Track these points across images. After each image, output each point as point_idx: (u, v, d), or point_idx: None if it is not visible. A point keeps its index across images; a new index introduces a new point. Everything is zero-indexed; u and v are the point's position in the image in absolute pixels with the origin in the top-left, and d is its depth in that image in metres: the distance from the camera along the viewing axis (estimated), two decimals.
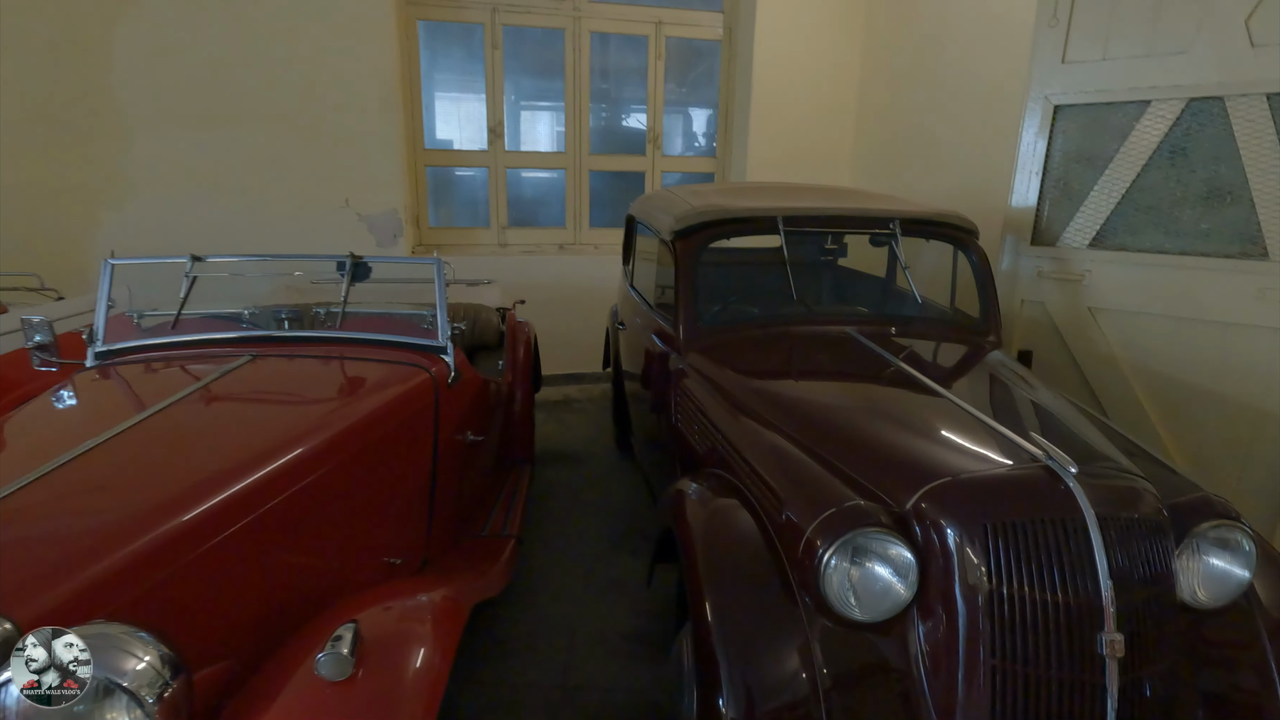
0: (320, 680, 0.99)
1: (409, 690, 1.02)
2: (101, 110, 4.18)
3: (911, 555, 1.34)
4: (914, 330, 2.44)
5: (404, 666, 1.05)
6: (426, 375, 2.10)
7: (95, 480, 1.32)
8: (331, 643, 1.00)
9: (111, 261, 2.16)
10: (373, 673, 1.02)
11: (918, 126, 4.46)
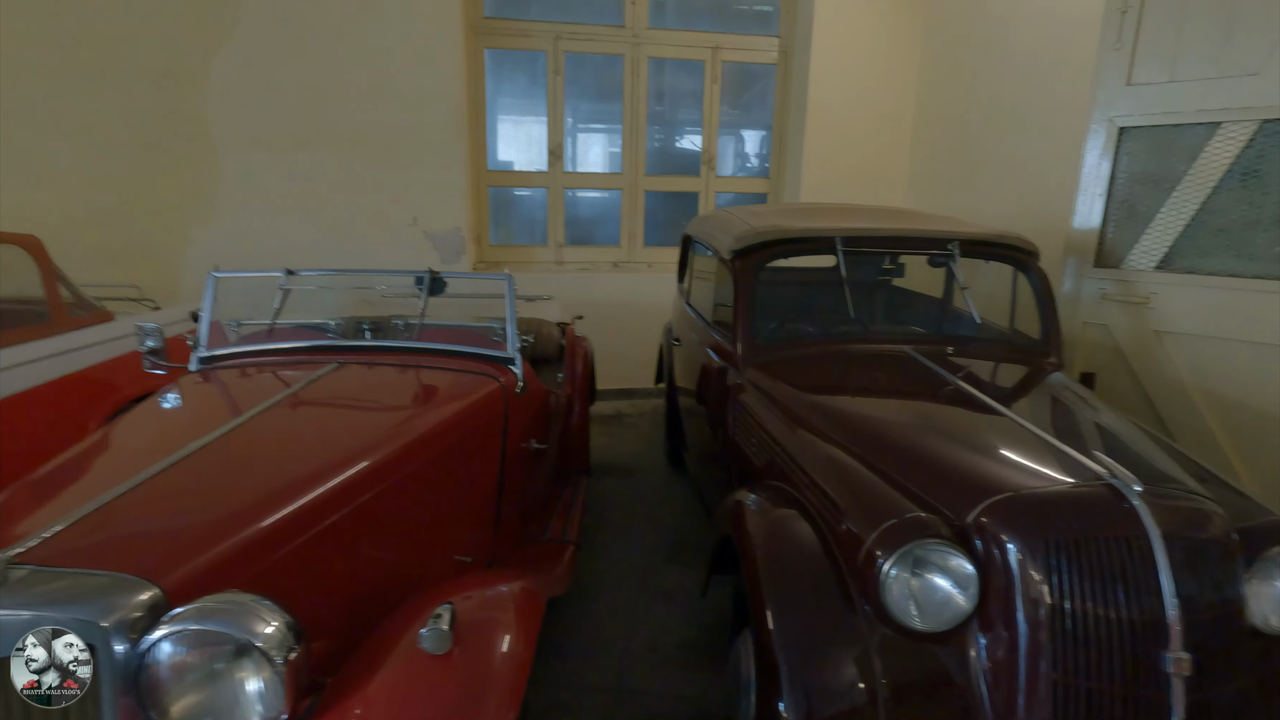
0: (422, 653, 1.09)
1: (499, 670, 1.10)
2: (196, 135, 4.52)
3: (972, 567, 1.37)
4: (972, 350, 2.45)
5: (494, 648, 1.13)
6: (497, 385, 2.22)
7: (212, 473, 1.46)
8: (433, 620, 1.10)
9: (216, 275, 2.35)
10: (467, 651, 1.11)
11: (975, 148, 4.44)
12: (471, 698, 1.06)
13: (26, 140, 4.33)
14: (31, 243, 2.87)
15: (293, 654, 1.00)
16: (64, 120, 4.35)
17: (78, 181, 4.41)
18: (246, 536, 1.24)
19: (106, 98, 4.36)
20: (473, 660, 1.10)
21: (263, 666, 0.99)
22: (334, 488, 1.47)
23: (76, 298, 3.07)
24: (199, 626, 0.95)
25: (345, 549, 1.48)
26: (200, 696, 0.99)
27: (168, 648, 0.97)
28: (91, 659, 0.98)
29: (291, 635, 1.01)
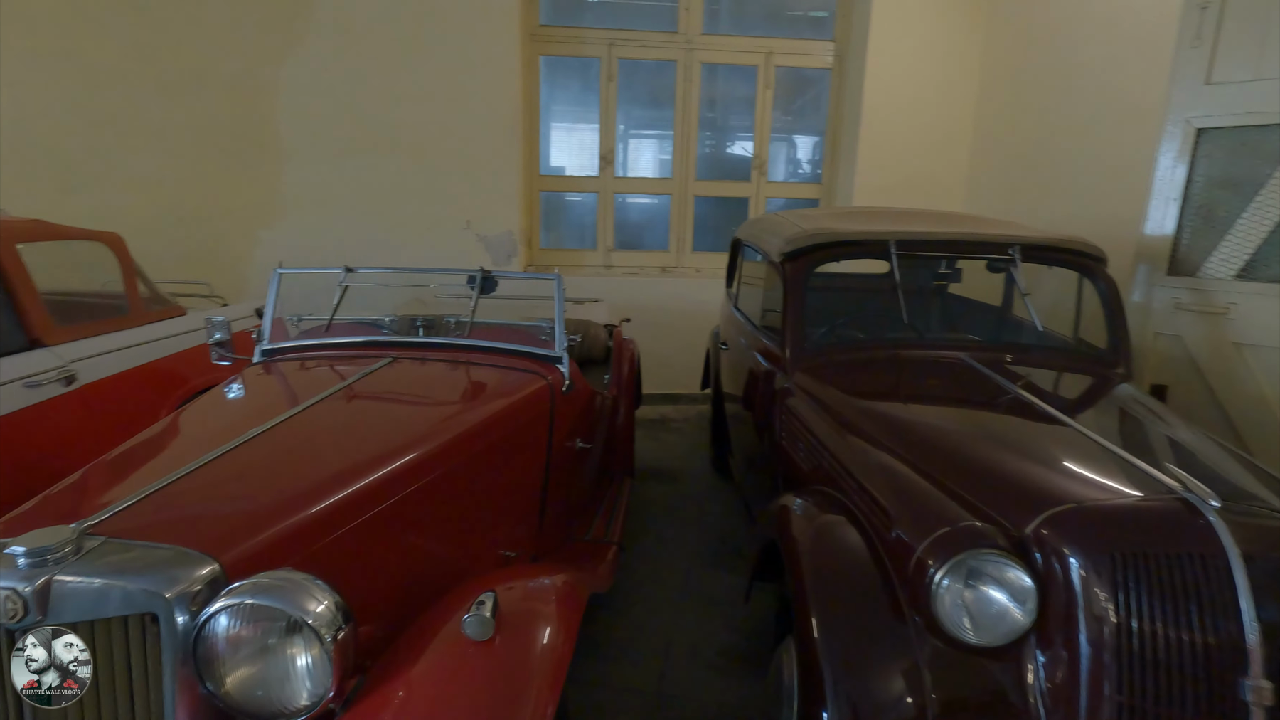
0: (465, 639, 1.10)
1: (540, 660, 1.11)
2: (265, 141, 4.72)
3: (1030, 581, 1.31)
4: (1033, 359, 2.35)
5: (536, 638, 1.14)
6: (544, 383, 2.24)
7: (270, 458, 1.52)
8: (476, 606, 1.11)
9: (280, 271, 2.45)
10: (509, 640, 1.12)
11: (1038, 154, 4.29)
12: (512, 686, 1.06)
13: (113, 146, 4.60)
14: (114, 240, 3.04)
15: (341, 633, 1.02)
16: (146, 127, 4.60)
17: (158, 185, 4.67)
18: (301, 519, 1.28)
19: (185, 106, 4.60)
20: (514, 649, 1.11)
21: (312, 644, 1.01)
22: (384, 476, 1.50)
23: (152, 293, 3.23)
24: (254, 601, 0.98)
25: (393, 537, 1.51)
26: (253, 669, 1.02)
27: (224, 621, 1.00)
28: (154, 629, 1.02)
29: (340, 615, 1.03)
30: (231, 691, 1.02)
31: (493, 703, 1.04)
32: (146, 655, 1.03)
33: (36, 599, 0.98)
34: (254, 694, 1.02)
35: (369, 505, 1.44)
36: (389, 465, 1.55)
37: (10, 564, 1.01)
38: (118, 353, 2.79)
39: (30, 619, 0.99)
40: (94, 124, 4.57)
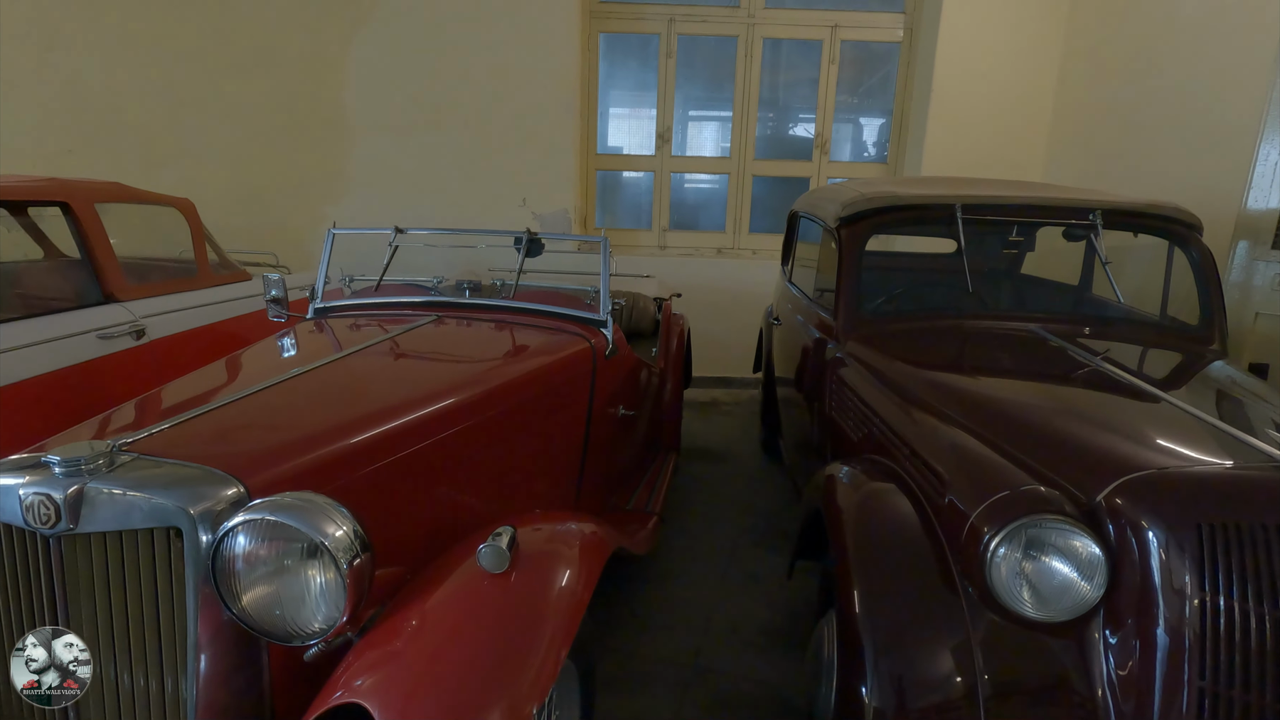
0: (479, 570, 1.07)
1: (555, 602, 1.07)
2: (333, 118, 4.86)
3: (1099, 550, 1.19)
4: (1114, 333, 2.17)
5: (552, 579, 1.10)
6: (586, 344, 2.20)
7: (306, 395, 1.53)
8: (492, 537, 1.08)
9: (334, 231, 2.50)
10: (525, 575, 1.08)
11: (1128, 125, 3.98)
12: (524, 622, 1.02)
13: (192, 123, 4.83)
14: (185, 206, 3.17)
15: (357, 560, 1.00)
16: (223, 105, 4.80)
17: (232, 161, 4.87)
18: (330, 451, 1.28)
19: (258, 84, 4.78)
20: (530, 585, 1.07)
21: (328, 567, 1.00)
22: (417, 419, 1.49)
23: (221, 258, 3.36)
24: (272, 518, 0.98)
25: (424, 482, 1.49)
26: (270, 588, 1.02)
27: (242, 539, 1.00)
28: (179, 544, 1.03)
29: (358, 543, 1.01)
30: (249, 608, 1.01)
31: (504, 636, 1.00)
32: (171, 570, 1.03)
33: (68, 506, 1.00)
34: (272, 612, 1.02)
35: (400, 446, 1.43)
36: (423, 409, 1.54)
37: (46, 472, 1.03)
38: (185, 311, 2.90)
39: (62, 526, 1.01)
40: (175, 102, 4.80)
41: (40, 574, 1.05)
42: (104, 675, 1.08)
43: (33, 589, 1.06)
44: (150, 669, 1.07)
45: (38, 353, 2.27)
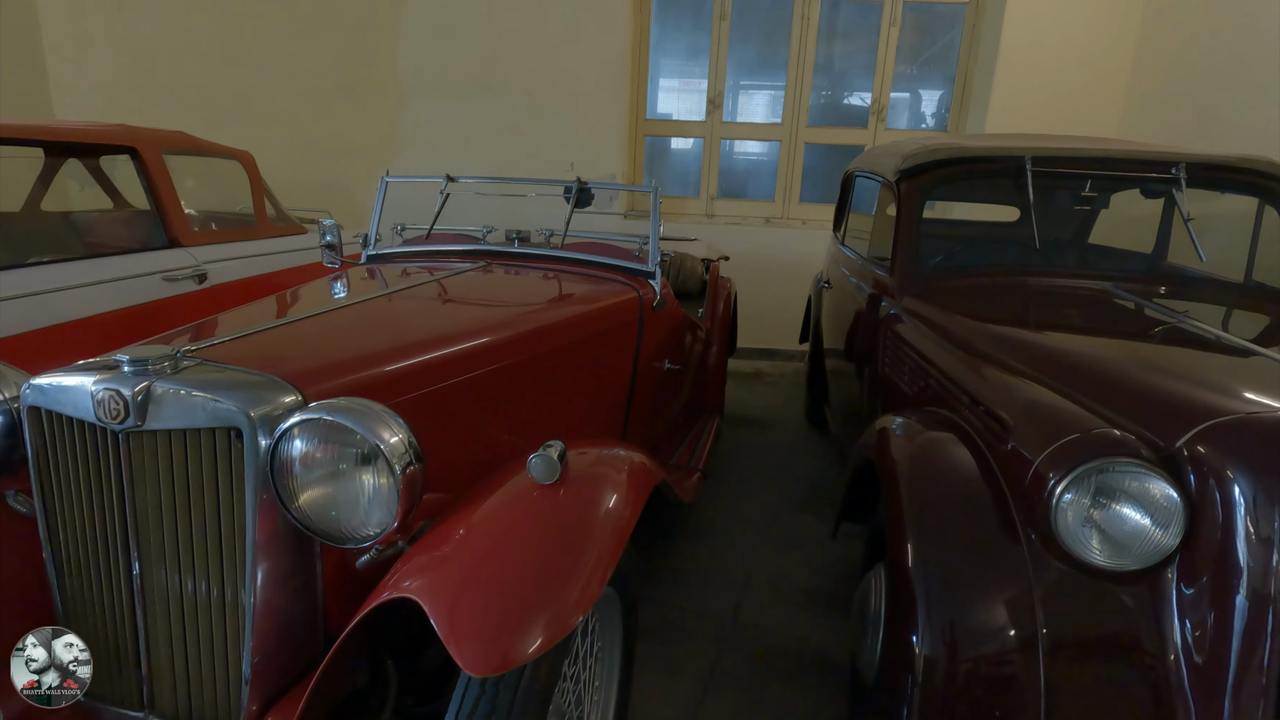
0: (529, 481, 1.07)
1: (603, 519, 1.06)
2: (385, 80, 4.91)
3: (1177, 495, 1.12)
4: (1194, 295, 2.04)
5: (600, 497, 1.09)
6: (634, 294, 2.18)
7: (361, 321, 1.56)
8: (544, 448, 1.07)
9: (387, 179, 2.52)
10: (573, 490, 1.08)
11: (1217, 88, 3.73)
12: (571, 536, 1.01)
13: (251, 84, 4.93)
14: (246, 158, 3.25)
15: (410, 468, 1.01)
16: (280, 67, 4.90)
17: (289, 121, 4.97)
18: (383, 371, 1.30)
19: (315, 46, 4.85)
20: (578, 500, 1.07)
21: (383, 472, 1.01)
22: (464, 349, 1.50)
23: (278, 211, 3.44)
24: (331, 418, 0.99)
25: (470, 413, 1.50)
26: (326, 490, 1.03)
27: (299, 442, 1.01)
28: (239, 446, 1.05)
29: (411, 451, 1.02)
30: (305, 509, 1.03)
31: (551, 547, 0.99)
32: (231, 470, 1.06)
33: (136, 403, 1.03)
34: (328, 514, 1.03)
35: (450, 374, 1.43)
36: (471, 341, 1.54)
37: (116, 371, 1.06)
38: (244, 260, 2.99)
39: (130, 422, 1.04)
40: (235, 64, 4.91)
41: (109, 469, 1.09)
42: (168, 582, 1.12)
43: (102, 484, 1.10)
44: (211, 574, 1.10)
45: (108, 290, 2.36)
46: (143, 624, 1.13)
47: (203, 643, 1.12)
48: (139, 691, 1.16)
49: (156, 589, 1.12)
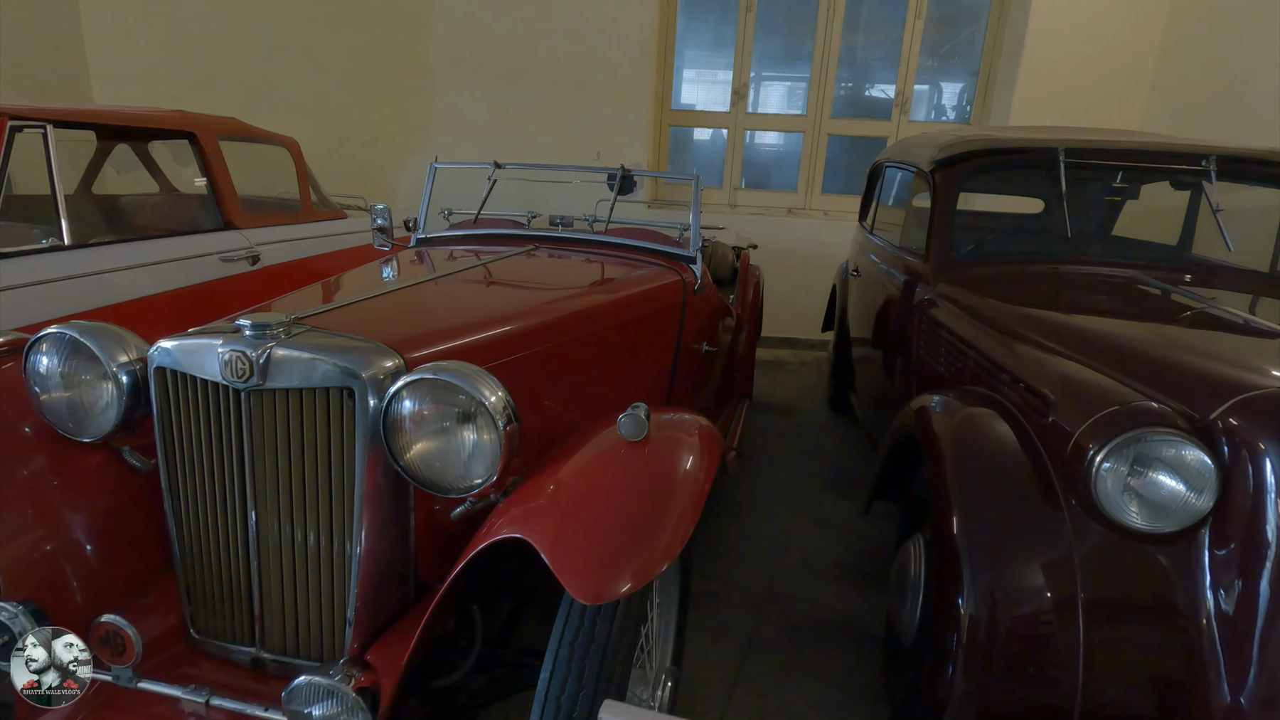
0: (618, 438, 1.17)
1: (685, 475, 1.15)
2: (418, 70, 5.00)
3: (1211, 461, 1.20)
4: (1220, 283, 2.11)
5: (681, 454, 1.18)
6: (678, 278, 2.27)
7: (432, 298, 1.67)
8: (631, 408, 1.17)
9: (436, 165, 2.62)
10: (657, 448, 1.17)
11: (1241, 85, 3.77)
12: (658, 489, 1.11)
13: (287, 73, 5.03)
14: (291, 144, 3.35)
15: (510, 425, 1.10)
16: (316, 56, 4.99)
17: (323, 110, 5.06)
18: (470, 341, 1.40)
19: (350, 37, 4.94)
20: (663, 455, 1.16)
21: (486, 428, 1.11)
22: (535, 325, 1.60)
23: (320, 197, 3.54)
24: (442, 378, 1.08)
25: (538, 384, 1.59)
26: (432, 445, 1.13)
27: (409, 401, 1.12)
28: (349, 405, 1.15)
29: (510, 410, 1.11)
30: (414, 462, 1.13)
31: (641, 497, 1.09)
32: (343, 427, 1.16)
33: (259, 364, 1.13)
34: (432, 465, 1.14)
35: (524, 346, 1.52)
36: (540, 317, 1.64)
37: (239, 335, 1.16)
38: (292, 243, 3.09)
39: (253, 381, 1.14)
40: (272, 52, 5.01)
41: (231, 425, 1.19)
42: (280, 531, 1.22)
43: (223, 439, 1.20)
44: (321, 524, 1.20)
45: (172, 269, 2.48)
46: (257, 569, 1.24)
47: (311, 587, 1.23)
48: (250, 630, 1.27)
49: (270, 538, 1.22)
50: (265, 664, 1.27)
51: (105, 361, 1.25)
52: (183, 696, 1.14)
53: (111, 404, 1.28)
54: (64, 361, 1.26)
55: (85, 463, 1.36)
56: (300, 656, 1.26)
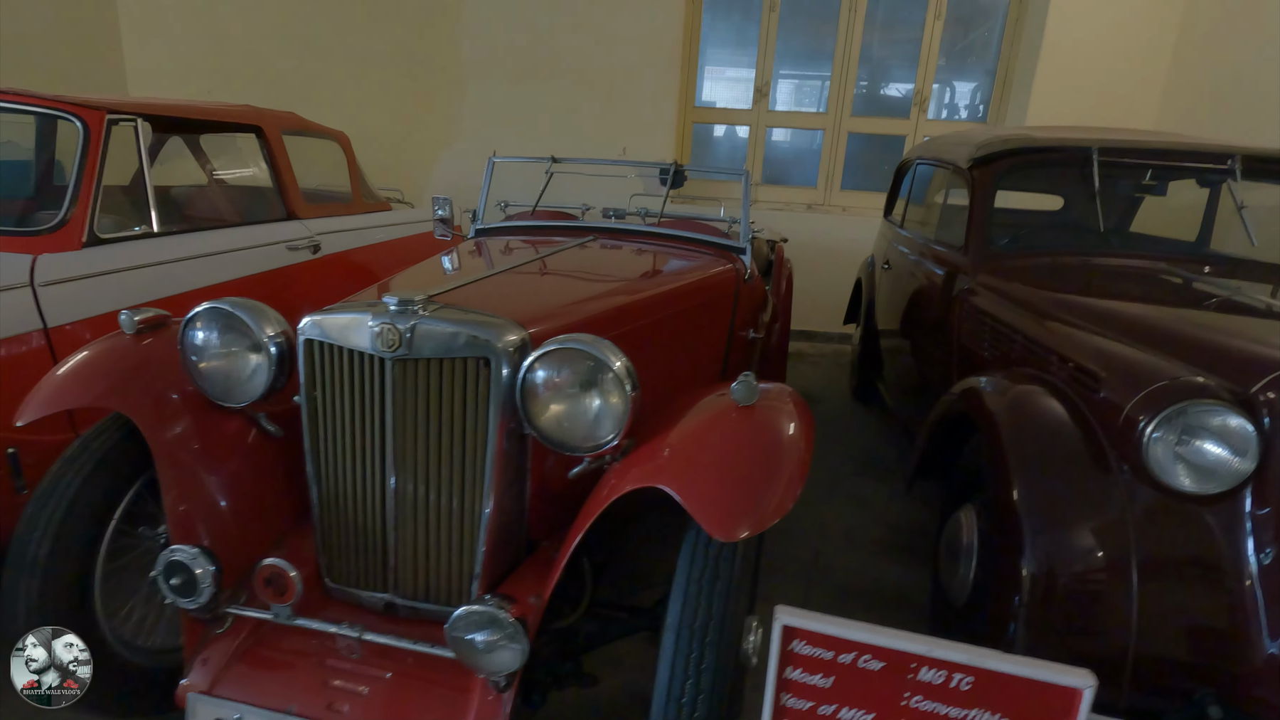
0: (730, 403, 1.29)
1: (791, 437, 1.27)
2: (449, 67, 5.11)
3: (1252, 428, 1.34)
4: (1242, 274, 2.25)
5: (787, 421, 1.30)
6: (732, 267, 2.40)
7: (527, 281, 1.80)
8: (742, 376, 1.30)
9: (494, 159, 2.74)
10: (765, 413, 1.29)
11: (1253, 88, 3.91)
12: (770, 449, 1.23)
13: (317, 68, 5.14)
14: (343, 138, 3.47)
15: (634, 391, 1.23)
16: (350, 53, 5.10)
17: (356, 106, 5.17)
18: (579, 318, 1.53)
19: (383, 34, 5.05)
20: (772, 421, 1.28)
21: (614, 391, 1.23)
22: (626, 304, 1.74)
23: (366, 189, 3.66)
24: (575, 347, 1.21)
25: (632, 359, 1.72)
26: (563, 408, 1.26)
27: (542, 370, 1.25)
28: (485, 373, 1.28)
29: (634, 376, 1.24)
30: (547, 424, 1.26)
31: (755, 454, 1.22)
32: (478, 393, 1.29)
33: (407, 334, 1.26)
34: (563, 427, 1.27)
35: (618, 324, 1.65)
36: (629, 297, 1.80)
37: (385, 309, 1.29)
38: (347, 233, 3.21)
39: (400, 351, 1.27)
40: (306, 48, 5.12)
41: (375, 393, 1.31)
42: (416, 492, 1.35)
43: (366, 406, 1.33)
44: (454, 485, 1.33)
45: (247, 256, 2.60)
46: (393, 525, 1.36)
47: (443, 542, 1.36)
48: (383, 578, 1.40)
49: (407, 497, 1.35)
50: (397, 608, 1.40)
51: (258, 333, 1.37)
52: (338, 633, 1.27)
53: (259, 372, 1.41)
54: (218, 334, 1.39)
55: (225, 428, 1.48)
56: (430, 602, 1.39)
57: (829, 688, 0.85)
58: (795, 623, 0.87)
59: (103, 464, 1.39)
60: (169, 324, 1.55)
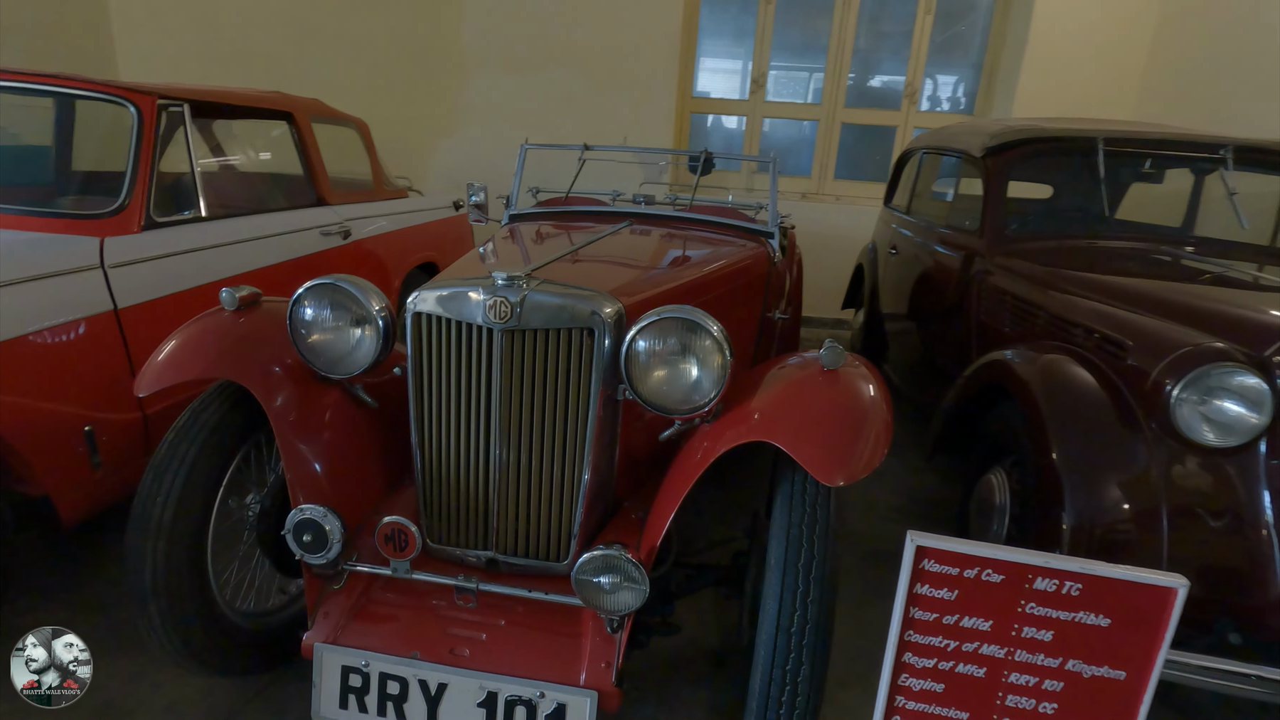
0: (817, 366, 1.40)
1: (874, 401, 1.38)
2: (449, 55, 5.12)
3: (1267, 386, 1.51)
4: (1229, 255, 2.45)
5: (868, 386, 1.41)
6: (764, 249, 2.52)
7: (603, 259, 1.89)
8: (828, 342, 1.41)
9: (526, 146, 2.81)
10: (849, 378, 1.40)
11: (1227, 75, 4.15)
12: (858, 411, 1.34)
13: (315, 54, 5.11)
14: (362, 126, 3.49)
15: (730, 354, 1.34)
16: (349, 39, 5.08)
17: (355, 92, 5.12)
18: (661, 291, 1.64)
19: (383, 20, 5.04)
20: (857, 384, 1.39)
21: (713, 354, 1.34)
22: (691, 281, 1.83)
23: (385, 176, 3.69)
24: (676, 315, 1.32)
25: None
26: (663, 373, 1.36)
27: (642, 340, 1.35)
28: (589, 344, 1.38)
29: (729, 342, 1.34)
30: (651, 389, 1.37)
31: (846, 413, 1.34)
32: (582, 361, 1.39)
33: (518, 308, 1.35)
34: (662, 389, 1.37)
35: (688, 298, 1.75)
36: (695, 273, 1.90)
37: (493, 285, 1.38)
38: (372, 219, 3.25)
39: (511, 323, 1.36)
40: (302, 35, 5.08)
41: (483, 363, 1.40)
42: (519, 459, 1.43)
43: (473, 376, 1.41)
44: (555, 451, 1.42)
45: (285, 240, 2.64)
46: (496, 490, 1.45)
47: (544, 504, 1.46)
48: (485, 538, 1.49)
49: (510, 461, 1.44)
50: (499, 565, 1.49)
51: (367, 307, 1.45)
52: (457, 585, 1.37)
53: (363, 345, 1.48)
54: (329, 309, 1.46)
55: (325, 399, 1.56)
56: (532, 558, 1.49)
57: (954, 599, 0.97)
58: (927, 543, 0.99)
59: (215, 432, 1.45)
60: (261, 301, 1.61)
